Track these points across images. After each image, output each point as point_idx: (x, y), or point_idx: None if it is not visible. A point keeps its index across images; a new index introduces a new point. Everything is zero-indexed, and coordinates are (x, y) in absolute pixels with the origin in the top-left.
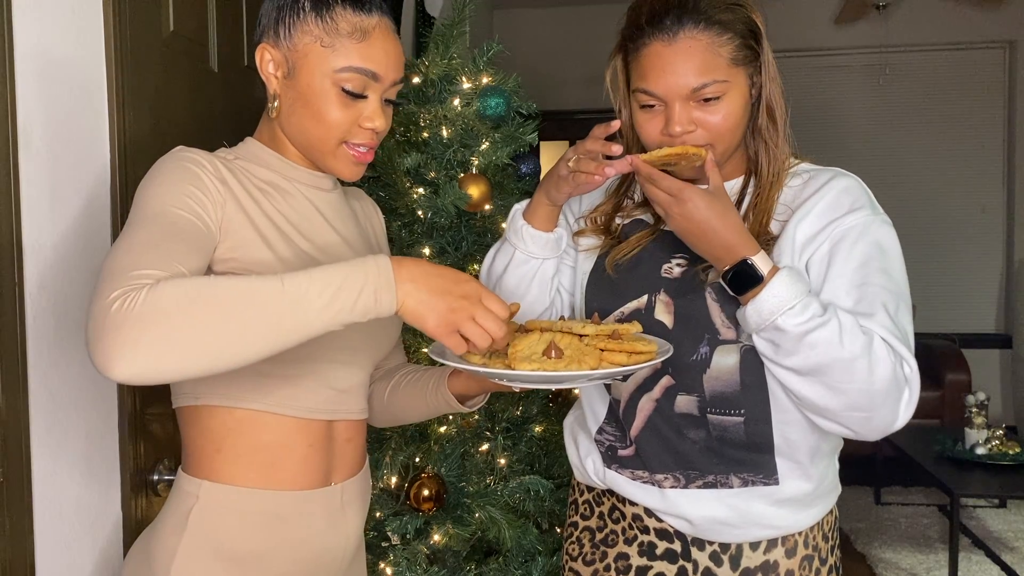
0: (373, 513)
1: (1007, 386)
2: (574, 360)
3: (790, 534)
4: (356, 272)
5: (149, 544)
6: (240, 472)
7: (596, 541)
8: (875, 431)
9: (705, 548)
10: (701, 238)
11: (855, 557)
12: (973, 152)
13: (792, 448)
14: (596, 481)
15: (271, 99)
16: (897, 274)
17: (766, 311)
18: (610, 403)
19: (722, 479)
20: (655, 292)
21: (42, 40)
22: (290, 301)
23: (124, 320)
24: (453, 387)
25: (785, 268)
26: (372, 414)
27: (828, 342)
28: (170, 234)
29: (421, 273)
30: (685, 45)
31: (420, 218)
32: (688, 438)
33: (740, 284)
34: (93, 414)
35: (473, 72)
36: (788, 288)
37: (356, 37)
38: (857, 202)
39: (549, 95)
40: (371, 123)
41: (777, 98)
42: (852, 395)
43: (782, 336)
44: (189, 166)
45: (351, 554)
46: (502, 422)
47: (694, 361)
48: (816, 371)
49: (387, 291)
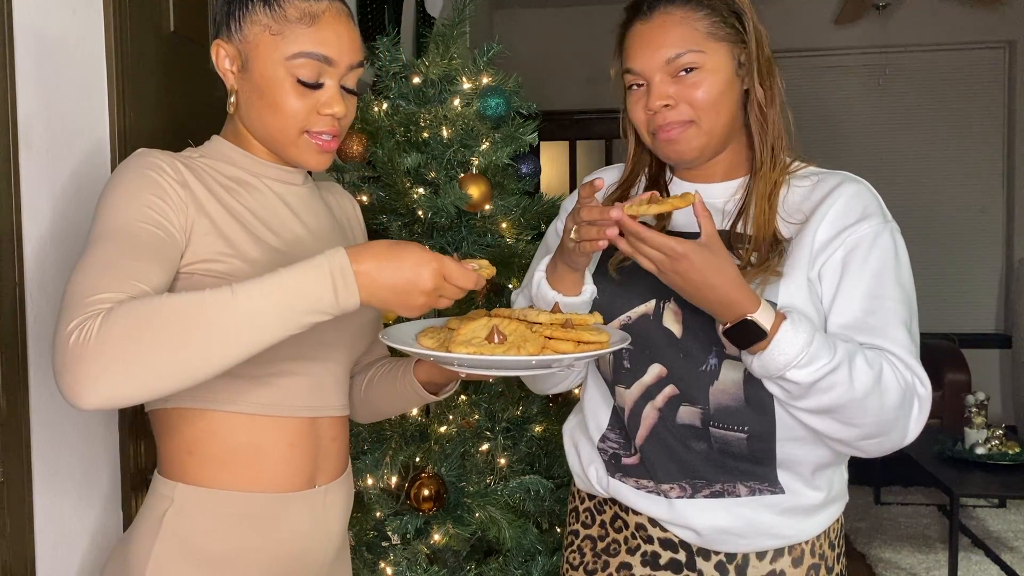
0: (373, 513)
1: (1007, 386)
2: (515, 346)
3: (796, 543)
4: (311, 273)
5: (126, 547)
6: (214, 474)
7: (598, 550)
8: (888, 450)
9: (711, 558)
10: (697, 295)
11: (855, 557)
12: (973, 152)
13: (796, 463)
14: (599, 490)
15: (229, 94)
16: (908, 284)
17: (773, 368)
18: (615, 409)
19: (729, 488)
20: (664, 299)
21: (43, 40)
22: (243, 313)
23: (82, 353)
24: (418, 374)
25: (788, 319)
26: (353, 409)
27: (840, 384)
28: (129, 250)
29: (377, 268)
30: (660, 20)
31: (420, 218)
32: (692, 448)
33: (741, 340)
34: (93, 414)
35: (473, 72)
36: (793, 341)
37: (305, 22)
38: (868, 209)
39: (549, 95)
40: (330, 109)
41: (768, 80)
42: (865, 427)
43: (793, 385)
44: (149, 173)
45: (332, 555)
46: (502, 422)
47: (703, 372)
48: (829, 411)
49: (346, 287)
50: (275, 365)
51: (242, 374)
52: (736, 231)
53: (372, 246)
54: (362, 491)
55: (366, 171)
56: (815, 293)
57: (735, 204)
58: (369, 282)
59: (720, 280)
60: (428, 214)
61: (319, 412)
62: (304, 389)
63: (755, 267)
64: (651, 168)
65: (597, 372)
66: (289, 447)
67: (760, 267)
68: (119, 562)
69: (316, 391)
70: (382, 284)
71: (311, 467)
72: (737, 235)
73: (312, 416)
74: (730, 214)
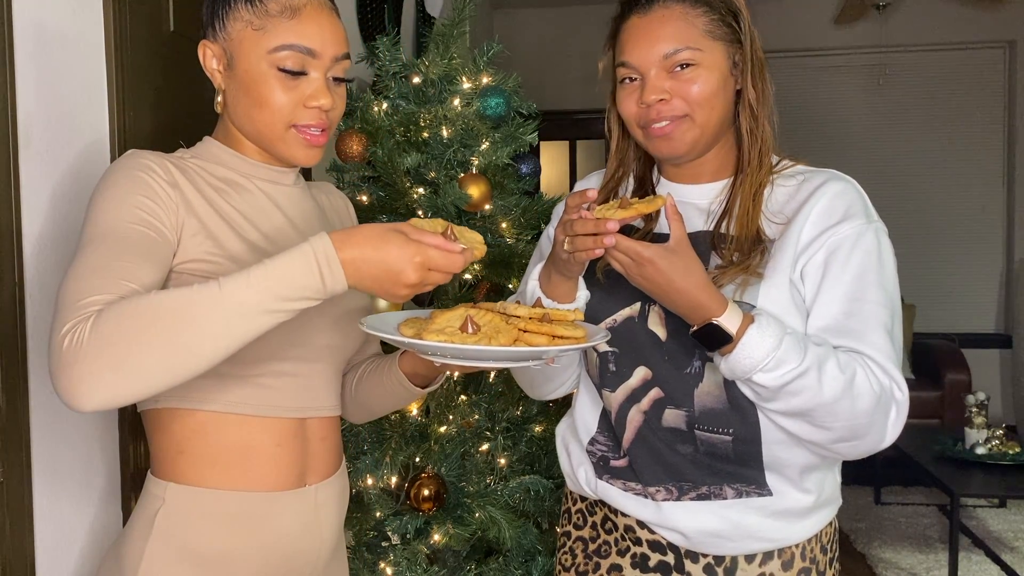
0: (373, 513)
1: (1007, 386)
2: (487, 337)
3: (786, 546)
4: (297, 260)
5: (119, 548)
6: (205, 473)
7: (589, 552)
8: (864, 454)
9: (699, 561)
10: (664, 298)
11: (855, 557)
12: (973, 152)
13: (782, 465)
14: (588, 491)
15: (216, 93)
16: (890, 286)
17: (740, 370)
18: (603, 412)
19: (716, 490)
20: (649, 302)
21: (43, 40)
22: (232, 305)
23: (76, 356)
24: (403, 366)
25: (755, 323)
26: (345, 409)
27: (809, 389)
28: (119, 251)
29: (362, 258)
30: (659, 15)
31: (420, 218)
32: (678, 451)
33: (709, 343)
34: (93, 414)
35: (473, 72)
36: (759, 345)
37: (287, 15)
38: (852, 208)
39: (549, 95)
40: (316, 101)
41: (760, 82)
42: (837, 430)
43: (761, 388)
44: (139, 174)
45: (327, 556)
46: (502, 422)
47: (687, 374)
48: (800, 414)
49: (332, 273)
50: (264, 366)
51: (231, 374)
52: (720, 232)
53: (355, 234)
54: (362, 491)
55: (366, 171)
56: (798, 294)
57: (720, 205)
58: (354, 271)
59: (686, 284)
60: (428, 214)
61: (307, 413)
62: (293, 390)
63: (735, 266)
64: (638, 168)
65: (587, 375)
66: (277, 447)
67: (739, 266)
68: (113, 562)
69: (305, 392)
70: (366, 274)
71: (300, 466)
72: (721, 236)
73: (300, 417)
74: (715, 214)
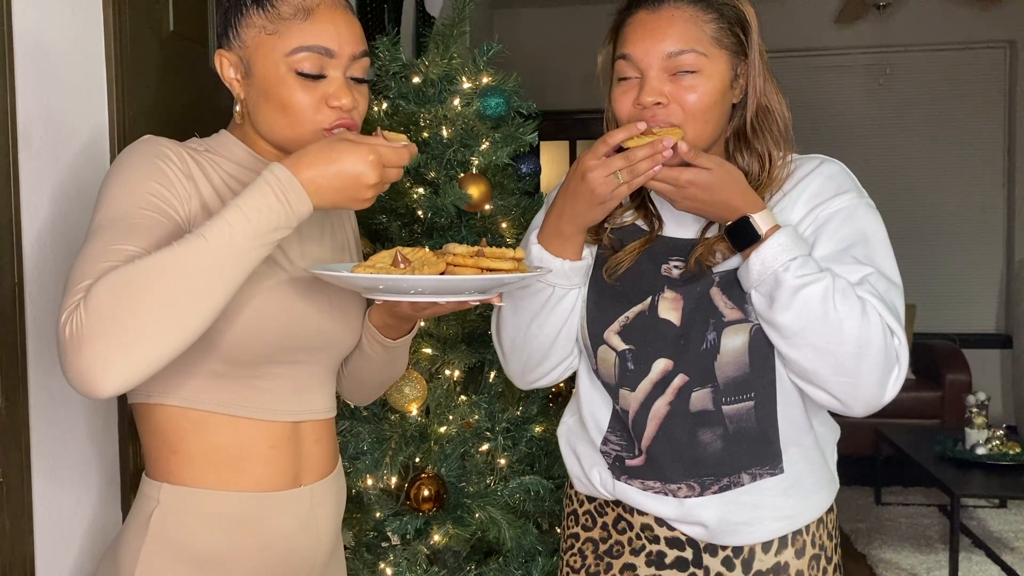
0: (372, 513)
1: (1007, 386)
2: (414, 270)
3: (798, 530)
4: (262, 192)
5: (116, 549)
6: (198, 474)
7: (600, 552)
8: (860, 401)
9: (718, 554)
10: (711, 212)
11: (855, 557)
12: (973, 152)
13: (794, 430)
14: (603, 492)
15: (235, 103)
16: (880, 258)
17: (769, 259)
18: (615, 412)
19: (735, 479)
20: (657, 292)
21: (42, 40)
22: (217, 249)
23: (79, 343)
24: (372, 319)
25: (787, 227)
26: (342, 390)
27: (821, 298)
28: (126, 236)
29: (320, 174)
30: (668, 13)
31: (420, 218)
32: (702, 441)
33: (740, 239)
34: (93, 414)
35: (473, 72)
36: (785, 244)
37: (300, 17)
38: (843, 186)
39: (549, 95)
40: (337, 101)
41: (772, 99)
42: (840, 356)
43: (779, 290)
44: (155, 161)
45: (324, 557)
46: (502, 422)
47: (704, 350)
48: (807, 329)
49: (297, 197)
50: (257, 368)
51: (225, 374)
52: (706, 237)
53: (306, 154)
54: (362, 491)
55: None
56: None
57: None
58: (315, 189)
59: (726, 195)
60: (428, 214)
61: (301, 416)
62: (286, 393)
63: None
64: None
65: (595, 375)
66: (270, 449)
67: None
68: (110, 563)
69: (299, 395)
70: (327, 188)
71: (294, 468)
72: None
73: (294, 420)
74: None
